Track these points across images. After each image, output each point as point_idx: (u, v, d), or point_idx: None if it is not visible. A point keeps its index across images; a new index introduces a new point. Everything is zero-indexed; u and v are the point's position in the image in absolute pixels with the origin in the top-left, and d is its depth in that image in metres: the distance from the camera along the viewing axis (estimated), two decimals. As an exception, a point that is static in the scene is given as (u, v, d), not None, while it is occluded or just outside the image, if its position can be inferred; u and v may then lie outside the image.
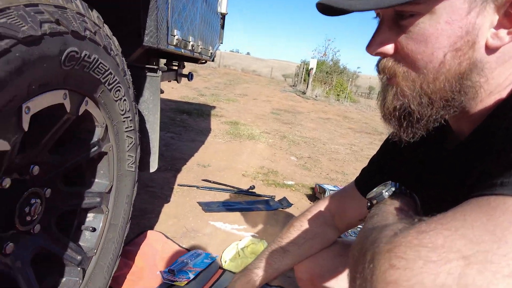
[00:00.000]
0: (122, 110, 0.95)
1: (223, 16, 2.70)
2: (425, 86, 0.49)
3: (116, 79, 0.88)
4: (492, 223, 0.31)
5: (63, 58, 0.65)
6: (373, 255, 0.35)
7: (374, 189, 0.61)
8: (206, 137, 3.84)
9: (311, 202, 2.43)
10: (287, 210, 2.21)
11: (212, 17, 2.28)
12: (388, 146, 0.78)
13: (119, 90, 0.91)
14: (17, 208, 0.70)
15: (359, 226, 0.89)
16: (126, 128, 0.99)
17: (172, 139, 3.44)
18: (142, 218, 1.72)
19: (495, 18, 0.45)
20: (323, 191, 2.39)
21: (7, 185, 0.64)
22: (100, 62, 0.79)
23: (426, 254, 0.31)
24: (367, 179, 0.82)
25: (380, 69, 0.54)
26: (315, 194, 2.51)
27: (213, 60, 2.71)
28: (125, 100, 0.95)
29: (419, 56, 0.48)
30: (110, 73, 0.85)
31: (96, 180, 0.96)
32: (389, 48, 0.51)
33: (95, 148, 0.89)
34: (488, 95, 0.50)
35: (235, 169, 2.86)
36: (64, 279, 0.86)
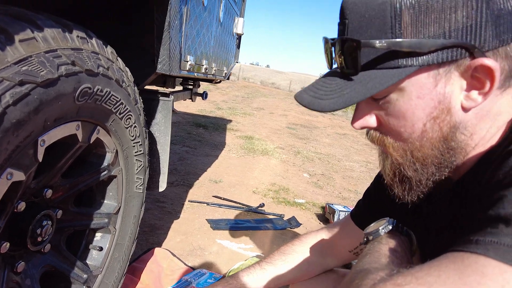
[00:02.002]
0: (132, 136, 1.01)
1: (239, 36, 2.78)
2: (415, 152, 0.52)
3: (127, 108, 0.94)
4: (462, 282, 0.33)
5: (76, 94, 0.71)
6: None
7: (372, 225, 0.63)
8: (220, 151, 3.90)
9: (321, 223, 2.43)
10: (295, 230, 2.22)
11: (227, 38, 2.35)
12: (382, 180, 0.80)
13: (130, 118, 0.97)
14: (29, 230, 0.75)
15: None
16: (135, 152, 1.05)
17: (187, 153, 3.52)
18: (152, 235, 1.77)
19: (463, 82, 0.47)
20: (333, 211, 2.38)
21: (22, 208, 0.71)
22: (112, 95, 0.85)
23: None
24: (363, 212, 0.84)
25: (369, 140, 0.57)
26: (324, 214, 2.51)
27: (228, 79, 2.78)
28: (135, 126, 1.01)
29: (401, 129, 0.51)
30: (121, 103, 0.91)
31: (105, 201, 1.02)
32: (372, 121, 0.54)
33: (105, 172, 0.95)
34: (473, 148, 0.52)
35: (247, 186, 2.89)
36: (69, 296, 0.91)
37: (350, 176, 4.03)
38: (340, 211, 2.36)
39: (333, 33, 0.60)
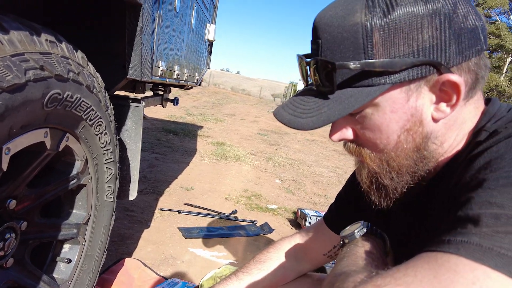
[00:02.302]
0: (103, 143, 0.98)
1: (210, 43, 2.77)
2: (391, 162, 0.55)
3: (97, 115, 0.91)
4: (437, 281, 0.35)
5: (45, 100, 0.68)
6: None
7: (347, 228, 0.65)
8: (191, 158, 3.85)
9: (293, 228, 2.46)
10: (268, 235, 2.23)
11: (199, 44, 2.35)
12: (354, 183, 0.83)
13: (100, 124, 0.94)
14: (-9, 244, 0.71)
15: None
16: (106, 160, 1.02)
17: (157, 160, 3.44)
18: (121, 245, 1.71)
19: (433, 96, 0.51)
20: (305, 216, 2.42)
21: (-18, 221, 0.66)
22: (83, 101, 0.82)
23: None
24: (335, 215, 0.86)
25: (347, 151, 0.60)
26: (296, 219, 2.54)
27: (200, 85, 2.77)
28: (106, 133, 0.98)
29: (377, 141, 0.54)
30: (92, 110, 0.88)
31: (73, 211, 0.97)
32: (349, 134, 0.57)
33: (74, 180, 0.91)
34: (443, 155, 0.56)
35: (219, 192, 2.87)
36: (35, 313, 0.86)
37: (320, 181, 4.11)
38: (311, 216, 2.40)
39: (303, 42, 0.60)
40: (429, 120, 0.52)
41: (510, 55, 18.22)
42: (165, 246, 1.82)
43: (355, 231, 0.61)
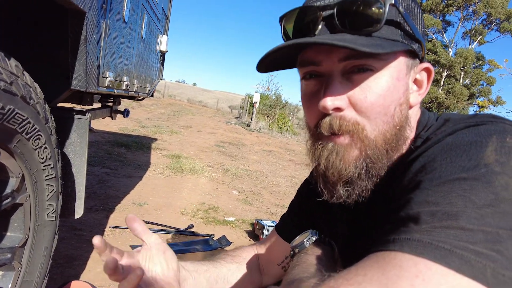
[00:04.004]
0: (43, 158, 0.91)
1: (163, 53, 2.73)
2: (379, 139, 0.51)
3: (35, 128, 0.85)
4: (385, 277, 0.36)
5: (-29, 112, 0.62)
6: None
7: (297, 238, 0.65)
8: (145, 172, 3.71)
9: (251, 239, 2.45)
10: (226, 249, 2.19)
11: (150, 55, 2.29)
12: (304, 192, 0.84)
13: (39, 138, 0.87)
14: None
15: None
16: (46, 176, 0.94)
17: (107, 175, 3.28)
18: (68, 267, 1.59)
19: (412, 82, 0.55)
20: (262, 227, 2.42)
21: None
22: (17, 113, 0.76)
23: None
24: (288, 225, 0.86)
25: (334, 126, 0.51)
26: (254, 231, 2.53)
27: (152, 96, 2.70)
28: (46, 148, 0.91)
29: (378, 108, 0.50)
30: (29, 122, 0.82)
31: (7, 233, 0.89)
32: (344, 102, 0.50)
33: (8, 200, 0.83)
34: (403, 148, 0.56)
35: (174, 207, 2.79)
36: None
37: (277, 191, 4.16)
38: (268, 226, 2.40)
39: (259, 55, 0.53)
40: (408, 104, 0.54)
41: (445, 69, 20.00)
42: (116, 266, 1.71)
43: (304, 240, 0.62)
